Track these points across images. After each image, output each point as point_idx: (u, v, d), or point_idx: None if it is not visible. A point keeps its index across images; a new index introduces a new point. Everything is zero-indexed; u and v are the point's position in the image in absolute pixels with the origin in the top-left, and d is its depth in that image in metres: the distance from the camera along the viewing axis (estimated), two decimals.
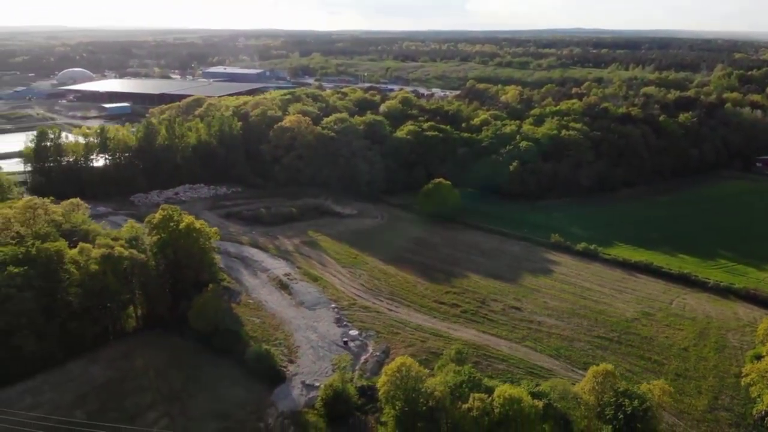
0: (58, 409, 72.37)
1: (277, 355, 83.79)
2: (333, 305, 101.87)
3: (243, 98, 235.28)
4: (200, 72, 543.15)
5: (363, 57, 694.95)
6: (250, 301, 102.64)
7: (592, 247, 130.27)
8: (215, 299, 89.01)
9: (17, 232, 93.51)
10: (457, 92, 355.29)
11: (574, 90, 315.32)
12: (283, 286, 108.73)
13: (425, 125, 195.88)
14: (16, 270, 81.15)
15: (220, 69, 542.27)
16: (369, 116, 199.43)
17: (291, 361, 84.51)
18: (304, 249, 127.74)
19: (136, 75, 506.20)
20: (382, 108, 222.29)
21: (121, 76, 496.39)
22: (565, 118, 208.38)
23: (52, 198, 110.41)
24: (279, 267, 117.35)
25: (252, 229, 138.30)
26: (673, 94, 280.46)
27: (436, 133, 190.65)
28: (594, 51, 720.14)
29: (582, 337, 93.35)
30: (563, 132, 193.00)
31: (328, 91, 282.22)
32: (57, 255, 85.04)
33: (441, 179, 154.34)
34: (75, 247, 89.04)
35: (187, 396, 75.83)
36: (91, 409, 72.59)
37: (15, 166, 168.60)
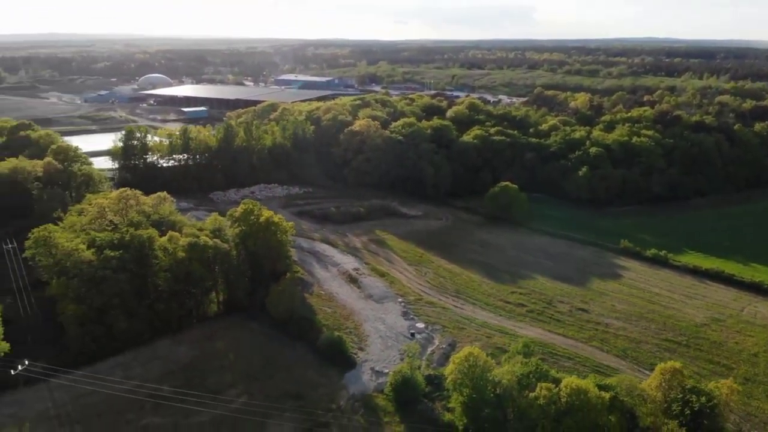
0: (146, 382, 77.53)
1: (348, 342, 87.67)
2: (400, 299, 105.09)
3: (315, 104, 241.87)
4: (272, 79, 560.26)
5: (429, 65, 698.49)
6: (322, 292, 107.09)
7: (662, 253, 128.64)
8: (292, 287, 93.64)
9: (110, 221, 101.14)
10: (524, 99, 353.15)
11: (645, 98, 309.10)
12: (352, 280, 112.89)
13: (492, 130, 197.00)
14: (112, 254, 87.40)
15: (291, 77, 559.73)
16: (436, 121, 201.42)
17: (361, 349, 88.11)
18: (372, 246, 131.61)
19: (211, 81, 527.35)
20: (449, 113, 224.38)
21: (198, 82, 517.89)
22: (636, 125, 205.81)
23: (141, 192, 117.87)
24: (348, 262, 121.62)
25: (323, 227, 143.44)
26: (749, 104, 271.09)
27: (503, 137, 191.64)
28: (666, 60, 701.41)
29: (650, 340, 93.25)
30: (634, 139, 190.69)
31: (396, 97, 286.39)
32: (148, 241, 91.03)
33: (508, 183, 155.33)
34: (163, 235, 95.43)
35: (265, 377, 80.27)
36: (177, 385, 77.19)
37: (102, 163, 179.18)
